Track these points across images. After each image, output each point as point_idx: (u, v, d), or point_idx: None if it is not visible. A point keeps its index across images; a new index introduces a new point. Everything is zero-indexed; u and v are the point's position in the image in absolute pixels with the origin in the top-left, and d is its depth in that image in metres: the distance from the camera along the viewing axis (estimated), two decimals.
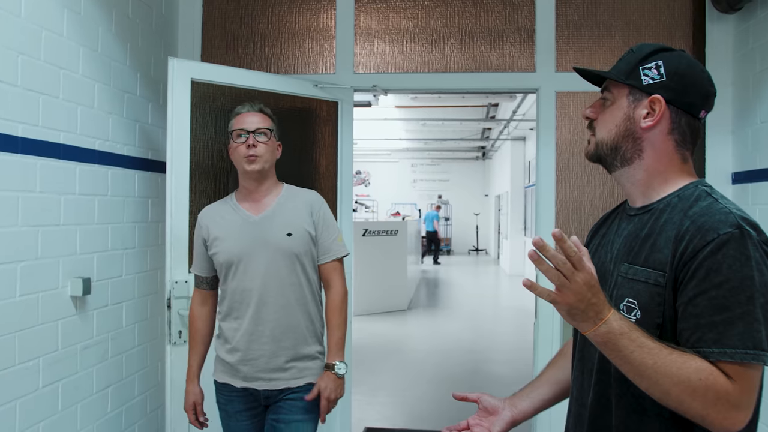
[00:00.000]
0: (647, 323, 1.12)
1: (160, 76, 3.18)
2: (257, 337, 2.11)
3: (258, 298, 2.11)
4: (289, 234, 2.14)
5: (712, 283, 1.05)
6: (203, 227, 2.25)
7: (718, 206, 1.12)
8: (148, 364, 3.17)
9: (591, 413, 1.26)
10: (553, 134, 3.44)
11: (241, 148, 2.16)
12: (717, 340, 1.03)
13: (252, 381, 2.14)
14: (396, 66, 3.58)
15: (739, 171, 3.29)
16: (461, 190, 21.71)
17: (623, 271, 1.20)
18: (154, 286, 3.20)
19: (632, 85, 1.22)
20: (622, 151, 1.24)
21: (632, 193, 1.28)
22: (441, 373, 5.88)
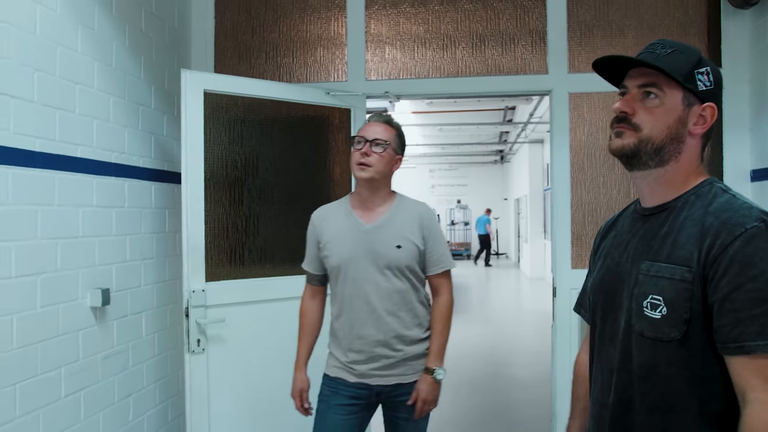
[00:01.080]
0: (674, 319, 1.13)
1: (174, 88, 3.22)
2: (369, 340, 2.18)
3: (366, 304, 2.18)
4: (399, 246, 2.19)
5: (746, 276, 1.06)
6: (317, 227, 2.30)
7: (738, 202, 1.15)
8: (168, 373, 3.20)
9: (612, 413, 1.25)
10: (567, 136, 3.42)
11: (355, 154, 2.21)
12: (760, 332, 1.05)
13: (366, 378, 2.21)
14: (408, 72, 3.59)
15: (757, 168, 3.24)
16: (480, 195, 21.62)
17: (644, 269, 1.20)
18: (173, 295, 3.24)
19: (689, 89, 1.21)
20: (664, 152, 1.22)
21: (652, 192, 1.27)
22: (462, 378, 5.85)
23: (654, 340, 1.17)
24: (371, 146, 2.19)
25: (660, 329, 1.16)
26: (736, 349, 1.07)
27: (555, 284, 3.42)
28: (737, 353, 1.07)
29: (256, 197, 3.13)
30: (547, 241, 13.49)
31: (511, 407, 4.95)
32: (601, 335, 1.32)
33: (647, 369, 1.18)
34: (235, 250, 3.05)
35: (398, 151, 2.28)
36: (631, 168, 1.27)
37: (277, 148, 3.22)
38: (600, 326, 1.33)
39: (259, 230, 3.12)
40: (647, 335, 1.18)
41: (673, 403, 1.15)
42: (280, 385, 2.96)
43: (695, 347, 1.13)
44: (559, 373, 3.38)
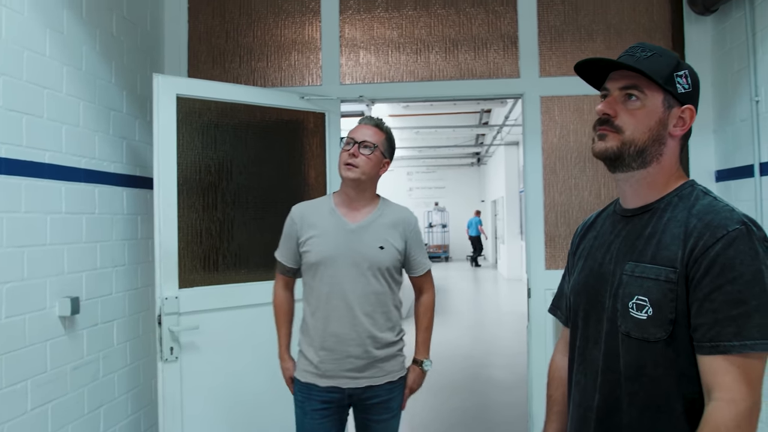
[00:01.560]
0: (660, 320, 1.14)
1: (147, 92, 3.18)
2: (343, 339, 2.18)
3: (344, 302, 2.18)
4: (381, 247, 2.21)
5: (726, 278, 1.08)
6: (296, 223, 2.29)
7: (720, 204, 1.17)
8: (140, 383, 3.14)
9: (598, 415, 1.25)
10: (539, 139, 3.44)
11: (343, 154, 2.22)
12: (737, 333, 1.07)
13: (337, 379, 2.20)
14: (382, 76, 3.58)
15: (721, 169, 3.29)
16: (457, 197, 21.72)
17: (628, 269, 1.22)
18: (146, 303, 3.18)
19: (668, 91, 1.23)
20: (646, 154, 1.24)
21: (635, 193, 1.28)
22: (441, 380, 5.84)
23: (640, 340, 1.17)
24: (359, 148, 2.20)
25: (646, 330, 1.16)
26: (711, 348, 1.09)
27: (529, 285, 3.44)
28: (713, 352, 1.09)
29: (230, 202, 3.09)
30: (523, 242, 13.58)
31: (489, 408, 4.96)
32: (585, 337, 1.32)
33: (635, 369, 1.19)
34: (209, 255, 3.01)
35: (386, 155, 2.29)
36: (614, 170, 1.28)
37: (251, 152, 3.18)
38: (582, 328, 1.33)
39: (233, 235, 3.08)
40: (634, 336, 1.18)
41: (660, 403, 1.16)
42: (255, 393, 2.95)
43: (681, 347, 1.14)
44: (535, 374, 3.39)
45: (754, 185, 2.92)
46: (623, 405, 1.21)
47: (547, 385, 1.54)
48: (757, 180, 2.90)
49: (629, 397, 1.20)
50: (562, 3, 3.48)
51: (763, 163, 2.88)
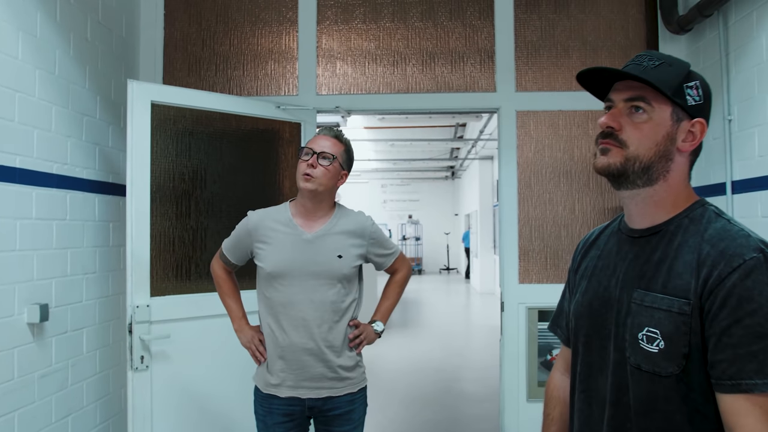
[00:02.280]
0: (673, 353, 1.08)
1: (121, 99, 3.16)
2: (300, 349, 2.18)
3: (300, 312, 2.18)
4: (340, 256, 2.22)
5: (745, 311, 1.01)
6: (251, 231, 2.28)
7: (734, 229, 1.10)
8: (110, 392, 3.11)
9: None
10: (514, 153, 3.50)
11: (301, 165, 2.22)
12: (759, 370, 0.99)
13: (297, 390, 2.20)
14: (358, 87, 3.62)
15: (694, 187, 3.37)
16: (431, 210, 21.83)
17: (637, 298, 1.15)
18: (116, 311, 3.15)
19: (677, 104, 1.15)
20: (653, 170, 1.16)
21: (641, 213, 1.20)
22: (412, 393, 5.86)
23: (651, 374, 1.11)
24: (318, 158, 2.21)
25: (657, 363, 1.10)
26: (732, 386, 1.02)
27: (503, 299, 3.48)
28: (733, 391, 1.02)
29: (203, 211, 3.09)
30: (496, 256, 13.69)
31: (461, 422, 4.98)
32: (588, 364, 1.26)
33: (646, 404, 1.12)
34: (182, 264, 2.99)
35: (344, 166, 2.30)
36: (618, 187, 1.20)
37: (226, 161, 3.18)
38: (584, 353, 1.27)
39: (206, 244, 3.07)
40: (644, 369, 1.12)
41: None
42: (226, 403, 2.93)
43: (695, 382, 1.07)
44: (507, 387, 3.43)
45: (726, 203, 3.01)
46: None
47: (545, 404, 1.48)
48: (729, 198, 2.99)
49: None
50: (539, 19, 3.56)
51: (735, 181, 2.97)
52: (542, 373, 3.39)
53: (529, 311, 3.42)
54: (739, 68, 2.95)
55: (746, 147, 2.89)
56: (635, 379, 1.13)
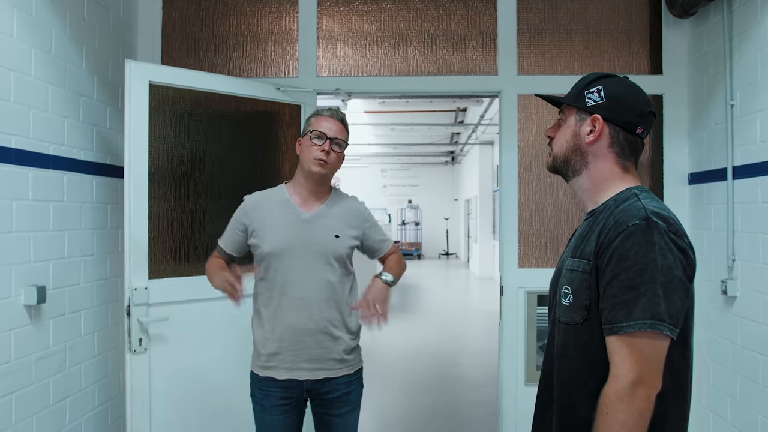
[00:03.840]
0: (577, 306, 1.32)
1: (119, 79, 3.12)
2: (298, 329, 2.18)
3: (298, 292, 2.19)
4: (337, 236, 2.24)
5: (622, 267, 1.23)
6: (248, 213, 2.28)
7: (636, 204, 1.31)
8: (108, 374, 3.10)
9: (539, 389, 1.48)
10: (515, 137, 3.47)
11: (315, 149, 2.20)
12: (627, 315, 1.21)
13: (294, 371, 2.20)
14: (359, 69, 3.58)
15: (695, 172, 3.36)
16: (431, 195, 21.80)
17: (569, 264, 1.39)
18: (114, 293, 3.14)
19: (578, 107, 1.43)
20: (572, 163, 1.44)
21: (584, 199, 1.47)
22: (411, 378, 5.87)
23: (566, 324, 1.36)
24: (332, 144, 2.21)
25: (569, 314, 1.34)
26: (609, 329, 1.24)
27: (502, 283, 3.47)
28: (609, 333, 1.24)
29: (202, 193, 3.06)
30: (495, 241, 13.69)
31: (458, 407, 4.99)
32: (550, 323, 1.49)
33: (561, 349, 1.37)
34: (180, 246, 2.98)
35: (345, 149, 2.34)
36: (566, 181, 1.50)
37: (225, 143, 3.16)
38: (549, 315, 1.51)
39: (205, 226, 3.05)
40: (562, 320, 1.37)
41: (577, 379, 1.32)
42: (225, 385, 2.93)
43: (594, 330, 1.29)
44: (506, 372, 3.43)
45: (727, 188, 2.99)
46: (554, 382, 1.39)
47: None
48: (730, 183, 2.97)
49: (557, 375, 1.38)
50: (542, 1, 3.52)
51: (736, 166, 2.95)
52: (541, 357, 3.37)
53: (528, 296, 3.41)
54: (743, 52, 2.91)
55: (748, 132, 2.86)
56: (558, 330, 1.39)
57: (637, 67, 3.50)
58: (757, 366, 2.76)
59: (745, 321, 2.86)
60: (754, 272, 2.80)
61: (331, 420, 2.27)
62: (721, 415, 3.06)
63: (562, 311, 1.37)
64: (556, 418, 1.38)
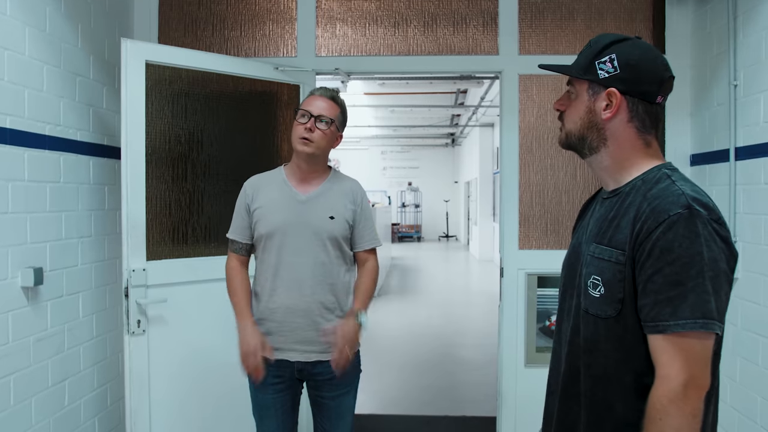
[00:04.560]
0: (610, 298, 1.23)
1: (115, 58, 3.07)
2: (291, 310, 2.18)
3: (293, 273, 2.18)
4: (332, 217, 2.22)
5: (665, 261, 1.14)
6: (249, 195, 2.29)
7: (673, 188, 1.20)
8: (107, 356, 3.09)
9: (563, 381, 1.37)
10: (516, 117, 3.43)
11: (299, 128, 2.20)
12: (672, 313, 1.13)
13: (286, 352, 2.20)
14: (359, 49, 3.53)
15: (696, 153, 3.33)
16: (431, 177, 21.75)
17: (592, 250, 1.30)
18: (113, 275, 3.12)
19: (590, 80, 1.31)
20: (588, 140, 1.33)
21: (603, 177, 1.37)
22: (411, 360, 5.89)
23: (595, 317, 1.26)
24: (316, 122, 2.19)
25: (599, 307, 1.25)
26: (652, 327, 1.16)
27: (502, 264, 3.45)
28: (653, 332, 1.16)
29: (200, 174, 3.03)
30: (495, 223, 13.68)
31: (458, 388, 5.01)
32: (561, 310, 1.42)
33: (591, 343, 1.28)
34: (178, 227, 2.95)
35: (340, 128, 2.30)
36: (580, 156, 1.39)
37: (223, 123, 3.12)
38: (561, 301, 1.44)
39: (203, 207, 3.03)
40: (590, 312, 1.27)
41: (611, 375, 1.25)
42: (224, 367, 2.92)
43: (629, 324, 1.21)
44: (505, 353, 3.42)
45: (729, 170, 2.95)
46: (581, 375, 1.31)
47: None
48: (732, 165, 2.94)
49: (585, 369, 1.30)
50: None
51: (739, 147, 2.91)
52: (540, 339, 3.37)
53: (528, 277, 3.39)
54: (747, 32, 2.86)
55: (751, 113, 2.83)
56: (584, 321, 1.30)
57: None
58: (758, 348, 2.75)
59: (745, 303, 2.84)
60: (756, 254, 2.78)
61: (325, 402, 2.28)
62: (721, 397, 3.06)
63: (591, 302, 1.27)
64: (586, 413, 1.30)
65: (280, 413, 2.26)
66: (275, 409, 2.24)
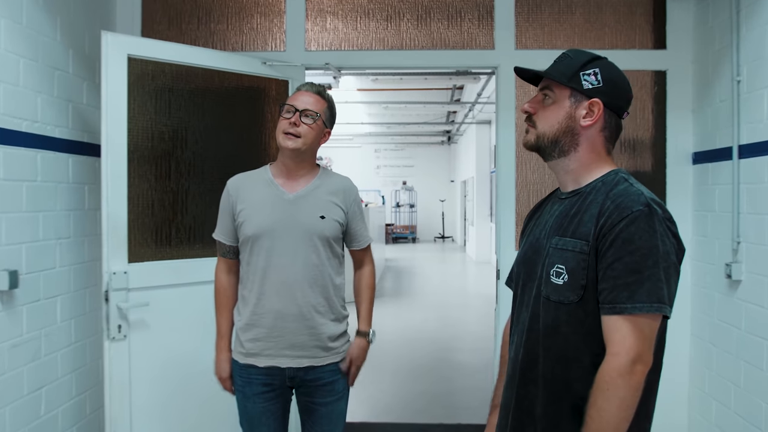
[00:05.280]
0: (573, 285, 1.37)
1: (96, 52, 3.02)
2: (281, 315, 2.16)
3: (282, 276, 2.16)
4: (322, 217, 2.20)
5: (626, 250, 1.30)
6: (232, 195, 2.26)
7: (632, 189, 1.38)
8: (86, 362, 3.06)
9: (521, 367, 1.49)
10: (513, 114, 3.42)
11: (283, 123, 2.18)
12: (630, 296, 1.29)
13: (276, 358, 2.18)
14: (350, 43, 3.51)
15: (699, 151, 3.31)
16: (426, 176, 21.73)
17: (554, 243, 1.44)
18: (93, 278, 3.08)
19: (574, 88, 1.45)
20: (561, 144, 1.47)
21: (565, 180, 1.51)
22: (405, 364, 5.86)
23: (557, 302, 1.40)
24: (301, 116, 2.17)
25: (562, 293, 1.39)
26: (610, 309, 1.31)
27: (499, 266, 3.43)
28: (610, 312, 1.31)
29: (184, 172, 3.00)
30: (492, 224, 13.67)
31: (455, 393, 4.99)
32: (520, 302, 1.55)
33: (551, 328, 1.41)
34: (161, 228, 2.92)
35: (327, 124, 2.27)
36: (544, 159, 1.53)
37: (208, 120, 3.09)
38: (520, 294, 1.56)
39: (187, 207, 3.00)
40: (552, 299, 1.41)
41: (570, 356, 1.38)
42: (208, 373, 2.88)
43: (590, 308, 1.36)
44: None
45: (732, 168, 2.94)
46: (540, 358, 1.43)
47: (501, 347, 1.76)
48: (735, 163, 2.93)
49: (545, 351, 1.42)
50: None
51: (742, 145, 2.90)
52: None
53: None
54: (750, 26, 2.85)
55: (755, 109, 2.81)
56: (545, 308, 1.43)
57: (640, 41, 3.43)
58: (762, 352, 2.74)
59: (750, 306, 2.83)
60: (760, 255, 2.76)
61: (316, 408, 2.25)
62: (724, 402, 3.05)
63: (553, 289, 1.41)
64: (544, 393, 1.43)
65: (271, 423, 2.23)
66: (265, 419, 2.21)
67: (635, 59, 3.39)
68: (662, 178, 3.39)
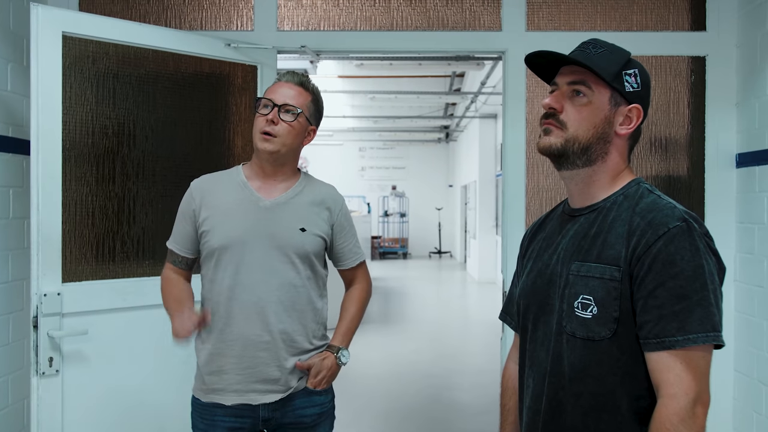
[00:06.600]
0: (605, 318, 1.37)
1: (23, 30, 3.04)
2: (251, 342, 2.15)
3: (254, 296, 2.15)
4: (303, 229, 2.21)
5: (668, 274, 1.31)
6: (196, 199, 2.25)
7: (662, 202, 1.40)
8: (9, 403, 3.04)
9: (544, 418, 1.48)
10: (523, 108, 3.44)
11: (260, 120, 2.18)
12: (680, 327, 1.29)
13: (245, 394, 2.16)
14: (330, 22, 3.52)
15: (744, 152, 3.34)
16: (420, 180, 21.82)
17: (574, 269, 1.44)
18: (19, 301, 3.08)
19: (615, 89, 1.46)
20: (591, 151, 1.47)
21: (580, 192, 1.53)
22: (394, 404, 5.86)
23: (585, 339, 1.40)
24: (279, 113, 2.17)
25: (591, 329, 1.39)
26: (657, 344, 1.31)
27: (505, 287, 3.43)
28: (658, 348, 1.31)
29: (132, 174, 3.01)
30: (499, 237, 13.72)
31: None
32: (533, 340, 1.54)
33: (579, 370, 1.41)
34: (104, 241, 2.92)
35: (312, 121, 2.28)
36: (560, 167, 1.52)
37: (161, 112, 3.10)
38: (531, 331, 1.55)
39: (135, 216, 3.00)
40: (579, 335, 1.41)
41: (604, 402, 1.38)
42: (160, 414, 2.87)
43: (625, 345, 1.36)
44: None
45: None
46: (567, 407, 1.43)
47: (501, 395, 1.80)
48: None
49: (574, 399, 1.42)
50: None
51: None
52: None
53: None
54: None
55: None
56: (570, 346, 1.42)
57: (675, 21, 3.46)
58: None
59: None
60: None
61: None
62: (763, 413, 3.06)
63: (579, 325, 1.40)
64: None
65: None
66: None
67: (669, 43, 3.42)
68: (700, 185, 3.42)
